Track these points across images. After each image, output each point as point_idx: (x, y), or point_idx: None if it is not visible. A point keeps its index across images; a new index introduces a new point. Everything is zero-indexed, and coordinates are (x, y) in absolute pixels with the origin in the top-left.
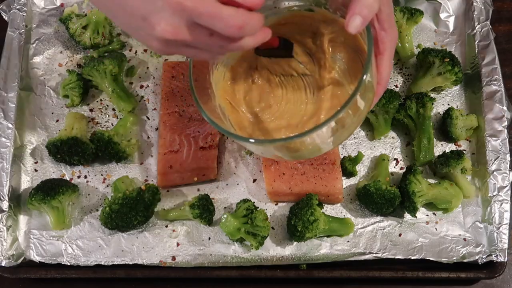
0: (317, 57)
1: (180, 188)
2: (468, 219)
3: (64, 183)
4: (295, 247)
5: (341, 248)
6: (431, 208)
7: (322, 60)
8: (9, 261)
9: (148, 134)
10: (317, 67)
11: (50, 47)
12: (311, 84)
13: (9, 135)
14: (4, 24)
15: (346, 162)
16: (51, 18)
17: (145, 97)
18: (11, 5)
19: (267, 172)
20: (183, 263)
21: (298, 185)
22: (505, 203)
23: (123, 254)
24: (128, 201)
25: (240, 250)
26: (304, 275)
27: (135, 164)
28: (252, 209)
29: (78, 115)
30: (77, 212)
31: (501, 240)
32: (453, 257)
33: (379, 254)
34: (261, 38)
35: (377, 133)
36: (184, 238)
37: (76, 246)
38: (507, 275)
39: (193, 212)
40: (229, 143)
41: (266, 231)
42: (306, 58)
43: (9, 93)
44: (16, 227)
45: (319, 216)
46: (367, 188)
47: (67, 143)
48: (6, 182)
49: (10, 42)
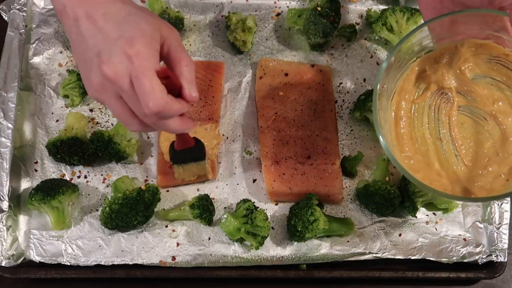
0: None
1: (180, 188)
2: (468, 219)
3: (64, 183)
4: (295, 247)
5: (341, 248)
6: (431, 208)
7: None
8: (9, 261)
9: (148, 134)
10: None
11: (50, 47)
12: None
13: (9, 135)
14: (4, 24)
15: (346, 162)
16: (51, 18)
17: None
18: (11, 5)
19: (267, 172)
20: (183, 263)
21: (298, 185)
22: (505, 203)
23: (123, 254)
24: (128, 201)
25: (240, 250)
26: (304, 275)
27: (135, 164)
28: (252, 209)
29: (78, 115)
30: (77, 212)
31: (501, 240)
32: (453, 257)
33: (379, 254)
34: (185, 126)
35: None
36: (184, 238)
37: (76, 246)
38: (507, 275)
39: (193, 212)
40: (229, 143)
41: (266, 231)
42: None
43: (9, 93)
44: (16, 227)
45: (319, 216)
46: (367, 188)
47: (67, 143)
48: (6, 182)
49: (10, 42)
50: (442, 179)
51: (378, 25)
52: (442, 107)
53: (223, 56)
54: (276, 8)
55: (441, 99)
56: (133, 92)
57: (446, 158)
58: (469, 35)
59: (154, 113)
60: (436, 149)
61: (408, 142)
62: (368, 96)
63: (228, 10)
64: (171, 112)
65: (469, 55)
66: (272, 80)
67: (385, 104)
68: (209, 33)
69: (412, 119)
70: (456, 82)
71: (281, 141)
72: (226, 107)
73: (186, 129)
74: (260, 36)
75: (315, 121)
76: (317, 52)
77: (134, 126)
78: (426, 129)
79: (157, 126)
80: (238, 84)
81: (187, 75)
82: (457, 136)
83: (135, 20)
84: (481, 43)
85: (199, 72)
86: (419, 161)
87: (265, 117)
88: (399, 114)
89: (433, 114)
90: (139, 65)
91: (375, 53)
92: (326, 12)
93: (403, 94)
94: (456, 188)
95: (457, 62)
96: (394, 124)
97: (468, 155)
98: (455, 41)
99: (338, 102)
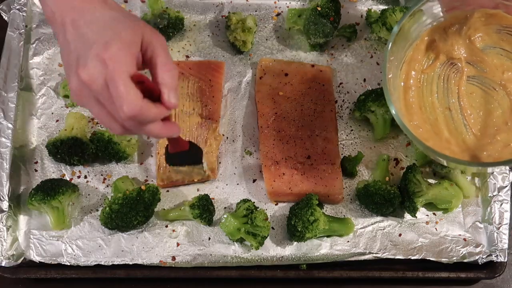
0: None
1: (180, 188)
2: (468, 219)
3: (64, 183)
4: (295, 247)
5: (341, 248)
6: (431, 208)
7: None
8: (9, 261)
9: None
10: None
11: (50, 47)
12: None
13: (9, 135)
14: (4, 24)
15: (346, 162)
16: None
17: None
18: (11, 5)
19: (267, 172)
20: (183, 263)
21: (298, 185)
22: (505, 203)
23: (123, 254)
24: (128, 201)
25: (240, 250)
26: (304, 275)
27: (135, 164)
28: (252, 209)
29: (78, 115)
30: (77, 212)
31: (501, 240)
32: (453, 257)
33: (379, 254)
34: (168, 131)
35: (377, 133)
36: (184, 238)
37: (76, 246)
38: (507, 275)
39: (193, 212)
40: (229, 143)
41: (266, 231)
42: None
43: (9, 93)
44: (16, 227)
45: (319, 216)
46: (367, 188)
47: (67, 143)
48: (6, 182)
49: (10, 42)
50: (452, 147)
51: (378, 25)
52: (451, 77)
53: (223, 56)
54: (276, 8)
55: (450, 69)
56: (109, 96)
57: (455, 127)
58: (479, 4)
59: (129, 117)
60: (445, 118)
61: (417, 111)
62: (368, 96)
63: (228, 10)
64: (148, 116)
65: (479, 25)
66: (272, 80)
67: (394, 72)
68: (209, 33)
69: (421, 88)
70: (465, 52)
71: (281, 141)
72: (226, 107)
73: (169, 134)
74: (260, 36)
75: (315, 121)
76: (317, 52)
77: (116, 129)
78: (435, 98)
79: (138, 130)
80: (238, 84)
81: (167, 81)
82: (466, 105)
83: (116, 26)
84: (491, 12)
85: (199, 72)
86: (428, 130)
87: (265, 117)
88: (408, 84)
89: (442, 83)
90: (113, 69)
91: (375, 53)
92: (326, 12)
93: (412, 64)
94: (465, 156)
95: (466, 32)
96: (403, 93)
97: (477, 124)
98: (465, 11)
99: (338, 102)
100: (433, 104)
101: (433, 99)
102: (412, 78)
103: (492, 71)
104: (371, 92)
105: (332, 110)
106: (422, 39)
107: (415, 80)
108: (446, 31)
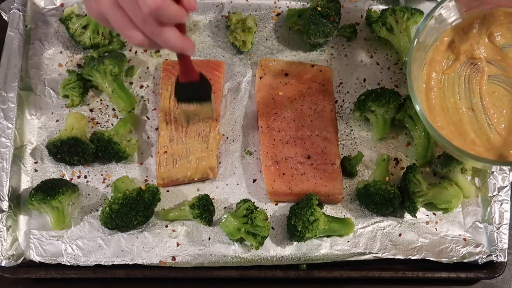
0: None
1: (180, 188)
2: (468, 219)
3: (64, 183)
4: (295, 247)
5: (341, 248)
6: (431, 208)
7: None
8: (9, 261)
9: (148, 134)
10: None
11: (50, 47)
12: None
13: (9, 135)
14: (4, 24)
15: (346, 162)
16: (51, 18)
17: (145, 97)
18: (11, 5)
19: (267, 172)
20: (183, 263)
21: (298, 185)
22: (505, 203)
23: (123, 254)
24: (128, 201)
25: (240, 250)
26: (304, 275)
27: (135, 164)
28: (252, 209)
29: (78, 115)
30: (77, 212)
31: (501, 240)
32: (453, 257)
33: (379, 254)
34: (184, 43)
35: (377, 133)
36: (184, 238)
37: (76, 246)
38: (507, 275)
39: (193, 212)
40: (229, 143)
41: (266, 231)
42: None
43: (9, 93)
44: (16, 227)
45: (319, 216)
46: (367, 188)
47: (67, 143)
48: (6, 182)
49: (10, 42)
50: (477, 148)
51: (378, 25)
52: (472, 77)
53: (223, 56)
54: (276, 8)
55: (471, 69)
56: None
57: (479, 127)
58: (497, 3)
59: (152, 10)
60: (469, 119)
61: (440, 113)
62: (368, 96)
63: (228, 10)
64: (169, 12)
65: (498, 24)
66: (272, 80)
67: (416, 74)
68: (209, 33)
69: (443, 89)
70: (485, 51)
71: (281, 141)
72: (226, 107)
73: (185, 47)
74: (260, 36)
75: (315, 121)
76: (317, 52)
77: (136, 37)
78: (457, 99)
79: (156, 35)
80: (238, 84)
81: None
82: (488, 105)
83: None
84: (510, 11)
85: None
86: (452, 131)
87: (265, 117)
88: (430, 85)
89: (463, 84)
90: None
91: (375, 53)
92: (326, 12)
93: (433, 65)
94: (491, 155)
95: (486, 31)
96: (425, 94)
97: (500, 123)
98: (483, 10)
99: (338, 102)
100: (456, 105)
101: (456, 100)
102: (434, 80)
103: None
104: (371, 92)
105: (332, 110)
106: (442, 40)
107: (437, 81)
108: (465, 31)
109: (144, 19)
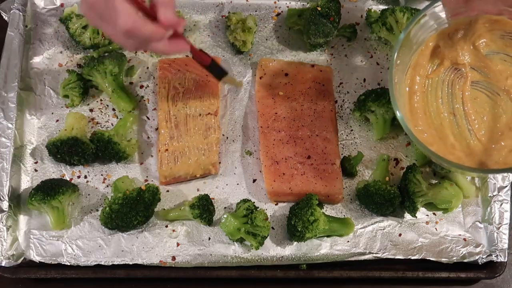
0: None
1: (180, 188)
2: (468, 219)
3: (64, 183)
4: (295, 247)
5: (341, 248)
6: (431, 208)
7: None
8: (9, 261)
9: (148, 134)
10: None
11: (50, 47)
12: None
13: (9, 135)
14: (4, 24)
15: (346, 162)
16: (51, 18)
17: (145, 97)
18: (11, 5)
19: (267, 172)
20: (183, 263)
21: (298, 185)
22: (505, 203)
23: (123, 254)
24: (128, 201)
25: (240, 250)
26: (304, 275)
27: (135, 164)
28: (252, 209)
29: (78, 115)
30: (77, 212)
31: (501, 240)
32: (453, 257)
33: (379, 254)
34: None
35: (377, 133)
36: (184, 238)
37: (76, 246)
38: (507, 275)
39: (193, 212)
40: (229, 143)
41: (266, 231)
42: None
43: (9, 93)
44: (16, 227)
45: (319, 216)
46: (367, 188)
47: (67, 143)
48: (6, 182)
49: (10, 42)
50: (456, 152)
51: (378, 25)
52: (455, 82)
53: (223, 56)
54: (276, 8)
55: (455, 74)
56: (109, 13)
57: (460, 132)
58: (483, 10)
59: (125, 31)
60: (450, 123)
61: (422, 117)
62: (368, 96)
63: (228, 10)
64: (144, 33)
65: (483, 31)
66: (272, 80)
67: (400, 78)
68: (209, 33)
69: (426, 93)
70: (469, 57)
71: (281, 141)
72: (226, 107)
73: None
74: (260, 36)
75: (315, 121)
76: (317, 52)
77: (126, 46)
78: (440, 103)
79: (142, 47)
80: None
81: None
82: (470, 111)
83: None
84: (495, 18)
85: (196, 68)
86: (433, 135)
87: (265, 117)
88: (413, 89)
89: (446, 89)
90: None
91: (375, 53)
92: (326, 12)
93: (417, 69)
94: (471, 161)
95: (471, 37)
96: (408, 98)
97: (481, 129)
98: (469, 17)
99: (338, 102)
100: (438, 109)
101: (438, 104)
102: (417, 83)
103: (496, 76)
104: (371, 92)
105: (332, 110)
106: (427, 44)
107: (420, 85)
108: (451, 36)
109: (122, 34)
